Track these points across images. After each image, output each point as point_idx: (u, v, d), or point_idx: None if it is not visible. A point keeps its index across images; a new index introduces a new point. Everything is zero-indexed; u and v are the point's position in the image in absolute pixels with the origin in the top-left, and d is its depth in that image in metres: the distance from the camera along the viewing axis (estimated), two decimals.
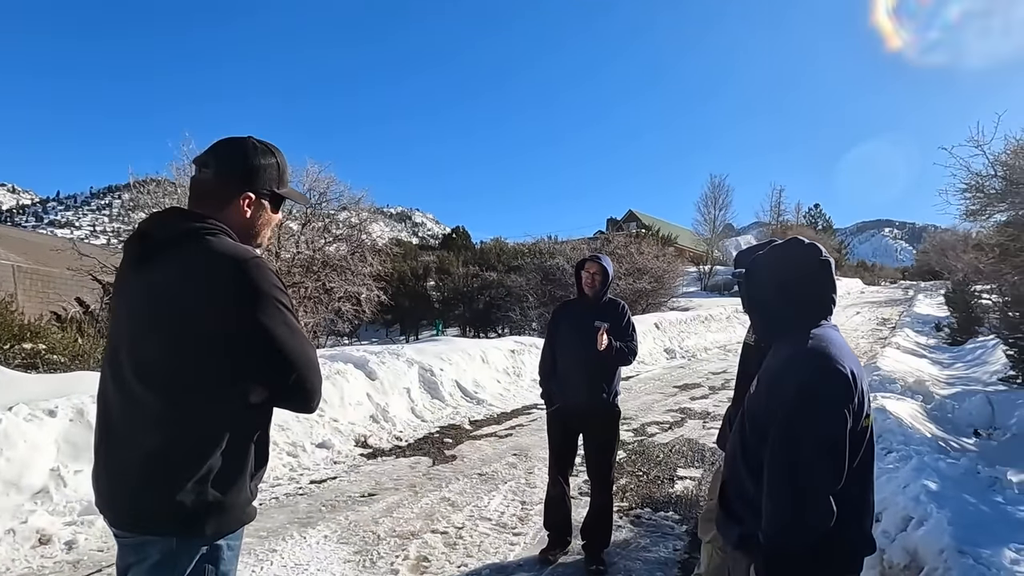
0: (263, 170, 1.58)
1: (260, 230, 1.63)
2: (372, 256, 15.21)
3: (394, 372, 7.44)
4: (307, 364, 1.47)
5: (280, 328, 1.42)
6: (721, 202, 43.34)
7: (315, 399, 1.52)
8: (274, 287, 1.44)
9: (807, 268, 1.71)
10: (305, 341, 1.49)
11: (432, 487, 4.84)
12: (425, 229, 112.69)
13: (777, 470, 1.55)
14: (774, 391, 1.59)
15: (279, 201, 1.66)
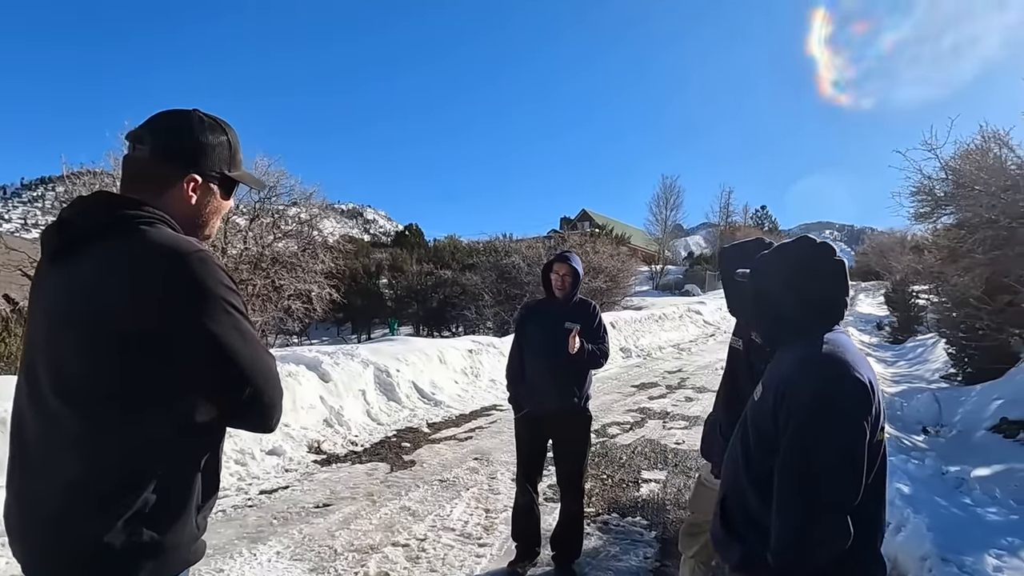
0: (212, 148, 1.35)
1: (208, 219, 1.40)
2: (324, 253, 14.79)
3: (349, 373, 7.16)
4: (264, 375, 1.26)
5: (230, 334, 1.21)
6: (672, 203, 44.17)
7: (274, 416, 1.31)
8: (222, 285, 1.22)
9: (820, 269, 1.60)
10: (260, 348, 1.28)
11: (391, 495, 4.62)
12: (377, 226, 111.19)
13: (789, 484, 1.42)
14: (785, 399, 1.47)
15: (231, 186, 1.43)
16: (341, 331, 27.73)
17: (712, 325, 20.78)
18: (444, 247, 32.13)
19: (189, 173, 1.33)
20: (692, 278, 38.42)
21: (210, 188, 1.38)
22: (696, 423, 7.29)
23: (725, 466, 1.75)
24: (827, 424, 1.39)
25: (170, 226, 1.28)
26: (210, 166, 1.36)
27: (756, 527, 1.55)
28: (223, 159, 1.39)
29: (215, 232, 1.48)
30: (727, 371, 2.51)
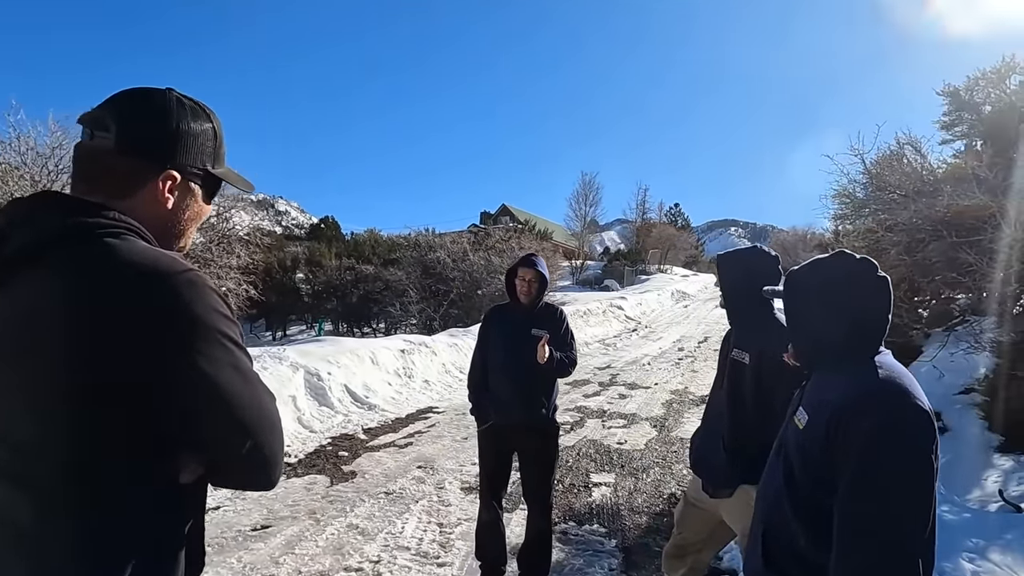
0: (194, 138, 1.09)
1: (185, 228, 1.14)
2: (239, 247, 13.98)
3: (277, 378, 6.72)
4: (267, 424, 1.02)
5: (228, 375, 0.96)
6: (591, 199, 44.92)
7: (276, 471, 1.06)
8: (217, 314, 0.97)
9: (865, 286, 1.51)
10: (262, 390, 1.03)
11: (335, 512, 4.32)
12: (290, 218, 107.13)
13: (856, 525, 1.31)
14: (842, 431, 1.36)
15: (214, 187, 1.17)
16: (254, 328, 26.46)
17: (634, 320, 21.22)
18: (364, 241, 31.22)
19: (166, 169, 1.05)
20: (611, 273, 39.19)
21: (190, 188, 1.11)
22: (634, 421, 7.33)
23: (762, 497, 1.64)
24: (896, 459, 1.30)
25: (143, 237, 1.01)
26: (192, 160, 1.09)
27: (803, 563, 1.44)
28: (207, 152, 1.12)
29: (189, 244, 1.21)
30: (729, 385, 2.41)
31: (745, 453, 2.31)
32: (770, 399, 2.24)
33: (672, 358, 12.74)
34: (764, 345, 2.28)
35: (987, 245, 5.03)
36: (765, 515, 1.58)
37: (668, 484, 5.16)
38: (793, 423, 1.56)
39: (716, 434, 2.45)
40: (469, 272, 19.29)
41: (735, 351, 2.41)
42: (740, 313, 2.46)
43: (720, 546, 2.62)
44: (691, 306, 26.60)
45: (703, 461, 2.50)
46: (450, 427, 6.84)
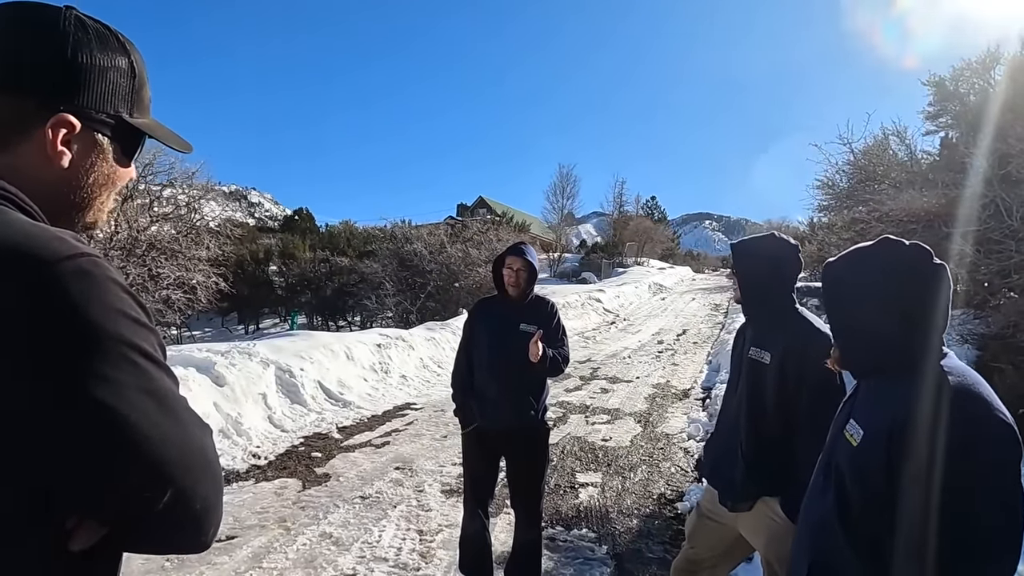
0: (100, 74, 0.80)
1: (93, 196, 0.85)
2: (209, 238, 13.55)
3: (247, 375, 6.39)
4: (195, 465, 0.73)
5: (134, 402, 0.68)
6: (569, 191, 44.81)
7: (211, 526, 0.78)
8: (121, 317, 0.69)
9: (924, 277, 1.29)
10: (188, 419, 0.75)
11: (307, 520, 4.03)
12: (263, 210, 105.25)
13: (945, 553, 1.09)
14: (910, 447, 1.14)
15: (133, 142, 0.88)
16: (226, 322, 25.85)
17: (612, 313, 21.08)
18: (339, 233, 30.69)
19: (59, 112, 0.78)
20: (588, 266, 39.10)
21: (96, 142, 0.83)
22: (618, 416, 7.15)
23: (807, 523, 1.41)
24: (980, 478, 1.09)
25: (23, 208, 0.75)
26: (97, 103, 0.81)
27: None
28: (119, 94, 0.84)
29: (105, 219, 0.93)
30: (748, 389, 2.18)
31: (767, 464, 2.09)
32: (794, 404, 2.02)
33: (652, 351, 12.60)
34: (789, 343, 2.06)
35: (981, 235, 4.91)
36: (812, 545, 1.36)
37: (657, 484, 4.97)
38: (844, 439, 1.33)
39: (733, 442, 2.22)
40: (447, 264, 19.00)
41: (753, 350, 2.18)
42: (760, 308, 2.22)
43: (736, 562, 2.41)
44: (668, 299, 26.56)
45: (719, 472, 2.28)
46: (429, 425, 6.58)
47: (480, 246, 19.87)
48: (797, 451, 2.01)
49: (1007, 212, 4.60)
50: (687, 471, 5.31)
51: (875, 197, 7.18)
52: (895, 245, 1.35)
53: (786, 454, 2.04)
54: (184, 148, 0.98)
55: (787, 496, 2.02)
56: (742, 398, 2.20)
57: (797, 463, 2.00)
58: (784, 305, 2.17)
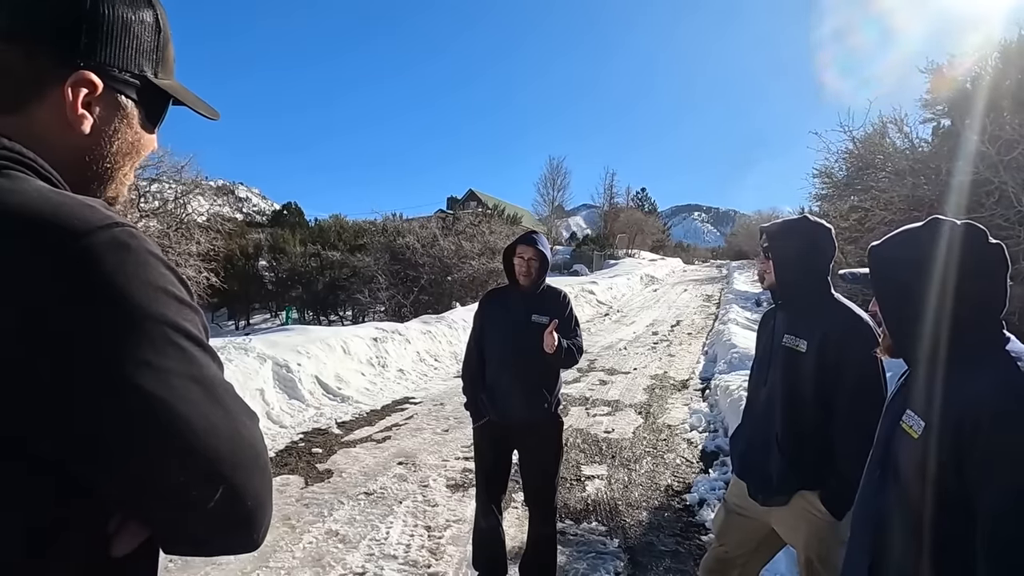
0: (125, 28, 0.72)
1: (116, 165, 0.76)
2: (199, 233, 13.37)
3: (243, 371, 6.28)
4: (247, 459, 0.66)
5: (182, 391, 0.61)
6: (560, 183, 44.74)
7: (262, 526, 0.70)
8: (162, 295, 0.62)
9: (982, 257, 1.23)
10: (238, 408, 0.68)
11: (312, 517, 3.95)
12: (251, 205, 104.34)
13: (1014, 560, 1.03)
14: (982, 443, 1.08)
15: (159, 106, 0.79)
16: (216, 317, 25.62)
17: (605, 305, 21.05)
18: (329, 227, 30.40)
19: (79, 69, 0.69)
20: (580, 258, 39.07)
21: (120, 105, 0.74)
22: (618, 408, 7.10)
23: (863, 523, 1.34)
24: None
25: (43, 175, 0.66)
26: (121, 60, 0.72)
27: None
28: (144, 50, 0.75)
29: (125, 193, 0.83)
30: (784, 378, 2.10)
31: (805, 455, 2.02)
32: (835, 393, 1.96)
33: (647, 342, 12.57)
34: (828, 330, 1.98)
35: (986, 221, 4.88)
36: (872, 545, 1.29)
37: (663, 476, 4.92)
38: (902, 431, 1.26)
39: (766, 434, 2.14)
40: (439, 257, 18.89)
41: (788, 337, 2.10)
42: (796, 293, 2.15)
43: (769, 558, 2.35)
44: (660, 290, 26.59)
45: (751, 465, 2.20)
46: (429, 418, 6.50)
47: (472, 239, 19.76)
48: (836, 442, 1.95)
49: (1015, 199, 4.57)
50: (692, 462, 5.27)
51: (876, 185, 7.16)
52: (949, 224, 1.28)
53: (825, 445, 1.98)
54: (211, 115, 0.88)
55: (827, 489, 1.96)
56: (775, 388, 2.12)
57: (836, 454, 1.95)
58: (821, 290, 2.10)
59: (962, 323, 1.22)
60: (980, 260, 1.24)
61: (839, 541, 1.86)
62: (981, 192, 5.13)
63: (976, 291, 1.23)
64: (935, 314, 1.24)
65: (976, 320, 1.22)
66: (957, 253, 1.24)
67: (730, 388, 6.72)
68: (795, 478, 2.02)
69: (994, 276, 1.23)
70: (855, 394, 1.90)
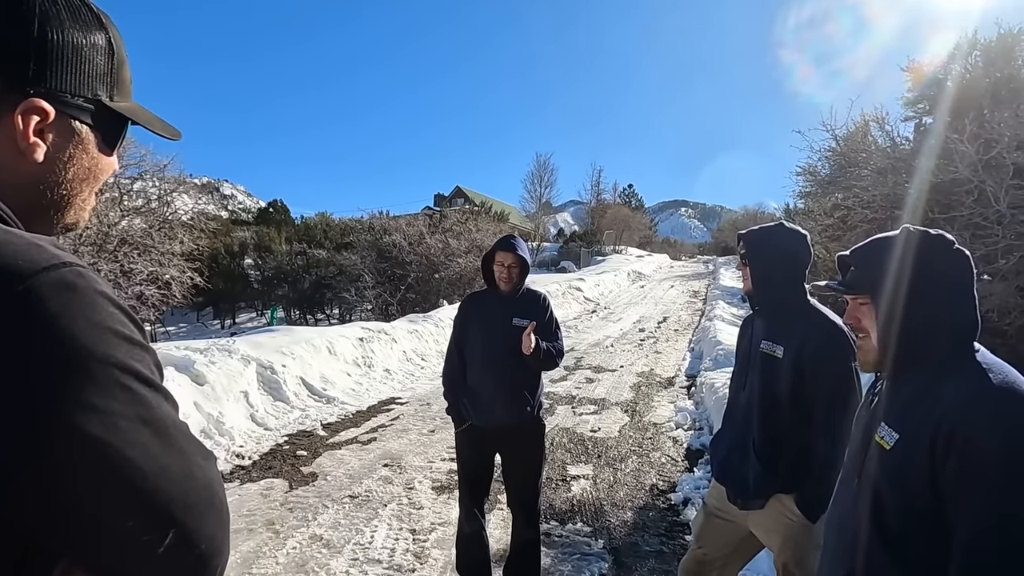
0: (75, 53, 0.70)
1: (73, 193, 0.75)
2: (182, 232, 13.24)
3: (227, 373, 6.23)
4: (200, 501, 0.65)
5: (130, 435, 0.59)
6: (547, 180, 44.74)
7: (216, 567, 0.67)
8: (110, 336, 0.61)
9: (954, 266, 1.24)
10: (191, 448, 0.66)
11: (296, 522, 3.93)
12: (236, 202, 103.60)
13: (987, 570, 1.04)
14: (955, 454, 1.08)
15: (115, 129, 0.78)
16: (201, 317, 25.44)
17: (592, 301, 21.09)
18: (315, 225, 30.25)
19: (29, 97, 0.67)
20: (567, 255, 39.11)
21: (74, 131, 0.72)
22: (604, 406, 7.12)
23: (837, 535, 1.35)
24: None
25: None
26: (73, 86, 0.71)
27: None
28: (98, 74, 0.73)
29: (87, 217, 0.81)
30: (761, 383, 2.12)
31: (782, 460, 2.04)
32: (811, 398, 1.98)
33: (634, 339, 12.62)
34: (804, 337, 2.00)
35: (966, 220, 4.93)
36: (845, 556, 1.29)
37: (648, 475, 4.94)
38: (876, 443, 1.27)
39: (744, 439, 2.17)
40: (426, 255, 18.84)
41: (765, 343, 2.12)
42: (773, 300, 2.17)
43: (746, 560, 2.37)
44: (647, 286, 26.67)
45: (730, 469, 2.22)
46: (415, 419, 6.49)
47: (459, 236, 19.72)
48: (812, 447, 1.97)
49: (994, 198, 4.63)
50: (677, 461, 5.30)
51: (858, 183, 7.21)
52: (918, 233, 1.29)
53: (801, 450, 2.00)
54: (172, 135, 0.86)
55: (803, 493, 1.99)
56: (753, 393, 2.14)
57: (812, 459, 1.97)
58: (797, 297, 2.12)
59: (931, 333, 1.23)
60: (948, 269, 1.25)
61: (814, 545, 1.88)
62: (961, 191, 5.19)
63: (944, 300, 1.24)
64: (909, 322, 1.25)
65: (945, 330, 1.23)
66: (925, 262, 1.25)
67: (715, 385, 6.77)
68: (771, 482, 2.04)
69: (962, 285, 1.24)
70: (830, 400, 1.92)
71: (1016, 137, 5.06)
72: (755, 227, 2.26)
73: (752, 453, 2.09)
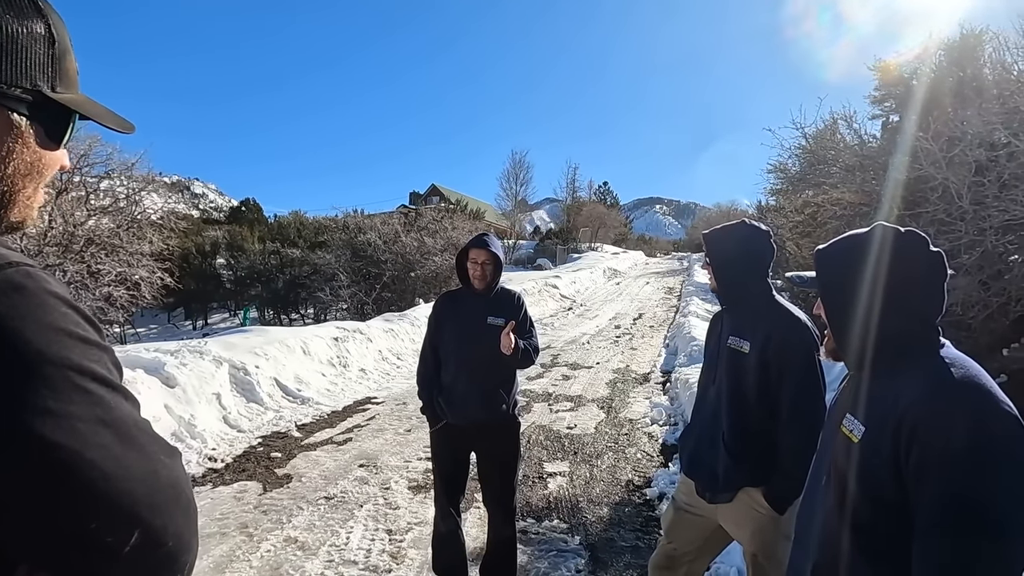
0: (11, 42, 0.67)
1: (15, 189, 0.71)
2: (152, 232, 12.99)
3: (199, 375, 6.13)
4: (165, 499, 0.64)
5: (89, 437, 0.58)
6: (522, 178, 44.76)
7: (185, 564, 0.67)
8: (64, 337, 0.60)
9: (926, 263, 1.26)
10: (154, 447, 0.65)
11: (271, 524, 3.88)
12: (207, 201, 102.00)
13: (946, 564, 1.06)
14: (918, 446, 1.11)
15: (59, 122, 0.75)
16: (173, 318, 24.99)
17: (568, 299, 21.17)
18: (289, 224, 29.91)
19: None
20: (543, 252, 39.20)
21: (11, 123, 0.69)
22: (581, 403, 7.16)
23: (806, 527, 1.38)
24: (994, 479, 1.05)
25: None
26: (8, 76, 0.68)
27: None
28: (38, 64, 0.70)
29: (35, 216, 0.77)
30: (728, 378, 2.15)
31: (749, 453, 2.08)
32: (777, 392, 2.01)
33: (610, 336, 12.70)
34: (769, 332, 2.04)
35: (931, 217, 5.04)
36: (815, 547, 1.32)
37: (624, 470, 4.98)
38: (842, 435, 1.29)
39: (713, 433, 2.20)
40: (402, 254, 18.74)
41: (732, 339, 2.15)
42: (737, 297, 2.21)
43: (715, 554, 2.40)
44: (623, 283, 26.84)
45: (698, 463, 2.25)
46: (391, 419, 6.46)
47: (435, 234, 19.65)
48: (778, 440, 2.01)
49: (957, 194, 4.75)
50: (653, 456, 5.34)
51: (828, 181, 7.34)
52: (891, 231, 1.31)
53: (768, 443, 2.04)
54: (124, 128, 0.83)
55: (770, 486, 2.02)
56: (721, 388, 2.18)
57: (779, 452, 2.00)
58: (761, 293, 2.15)
59: (901, 329, 1.26)
60: (921, 268, 1.27)
61: (782, 536, 1.92)
62: (926, 188, 5.31)
63: (915, 298, 1.26)
64: (876, 319, 1.27)
65: (914, 326, 1.26)
66: (899, 260, 1.27)
67: (690, 381, 6.83)
68: (740, 475, 2.08)
69: (933, 283, 1.27)
70: (796, 394, 1.96)
71: (978, 135, 5.20)
72: (717, 226, 2.30)
73: (721, 447, 2.13)
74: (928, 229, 5.06)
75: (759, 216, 22.30)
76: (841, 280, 1.34)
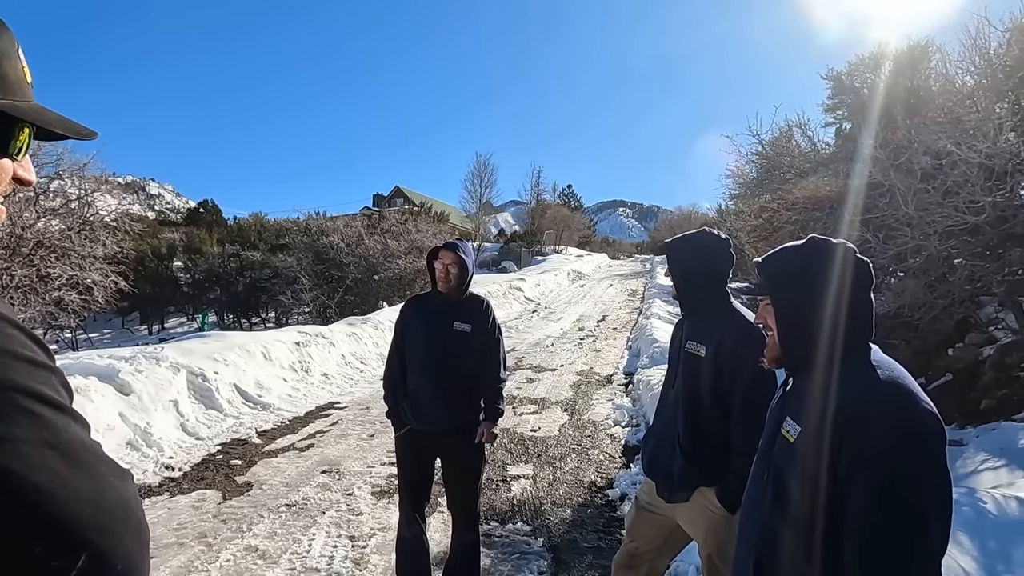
0: None
1: None
2: (105, 234, 12.61)
3: (155, 382, 5.98)
4: (113, 521, 0.63)
5: (36, 460, 0.58)
6: (487, 180, 44.77)
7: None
8: (8, 358, 0.60)
9: (856, 273, 1.34)
10: (103, 468, 0.65)
11: (230, 533, 3.82)
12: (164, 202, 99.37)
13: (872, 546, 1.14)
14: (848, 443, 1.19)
15: (5, 130, 0.73)
16: (127, 323, 24.32)
17: (533, 301, 21.26)
18: (249, 226, 29.35)
19: None
20: (508, 255, 39.29)
21: None
22: (544, 406, 7.21)
23: (750, 522, 1.44)
24: (917, 471, 1.14)
25: None
26: None
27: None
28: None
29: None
30: (684, 381, 2.22)
31: (703, 454, 2.14)
32: (730, 395, 2.08)
33: (574, 338, 12.80)
34: (723, 337, 2.11)
35: (879, 222, 5.23)
36: (756, 542, 1.39)
37: (587, 472, 5.04)
38: (781, 437, 1.36)
39: (670, 435, 2.26)
40: (365, 257, 18.57)
41: (689, 343, 2.23)
42: (696, 303, 2.28)
43: (676, 552, 2.46)
44: (587, 285, 27.08)
45: (657, 464, 2.31)
46: (354, 424, 6.40)
47: (399, 237, 19.52)
48: (731, 441, 2.08)
49: (903, 200, 4.94)
50: (615, 457, 5.42)
51: (782, 186, 7.55)
52: (823, 243, 1.39)
53: (721, 444, 2.11)
54: (82, 135, 0.82)
55: (723, 486, 2.09)
56: (679, 391, 2.24)
57: (731, 453, 2.07)
58: (719, 299, 2.23)
59: (832, 334, 1.33)
60: (857, 275, 1.35)
61: (735, 536, 1.98)
62: (875, 194, 5.51)
63: (846, 305, 1.33)
64: (807, 324, 1.34)
65: (844, 332, 1.33)
66: (830, 271, 1.35)
67: (652, 382, 6.95)
68: (694, 475, 2.15)
69: (862, 291, 1.35)
70: (748, 396, 2.03)
71: (923, 143, 5.42)
72: (679, 235, 2.36)
73: (678, 448, 2.19)
74: (878, 234, 5.26)
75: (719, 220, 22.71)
76: (777, 287, 1.41)
